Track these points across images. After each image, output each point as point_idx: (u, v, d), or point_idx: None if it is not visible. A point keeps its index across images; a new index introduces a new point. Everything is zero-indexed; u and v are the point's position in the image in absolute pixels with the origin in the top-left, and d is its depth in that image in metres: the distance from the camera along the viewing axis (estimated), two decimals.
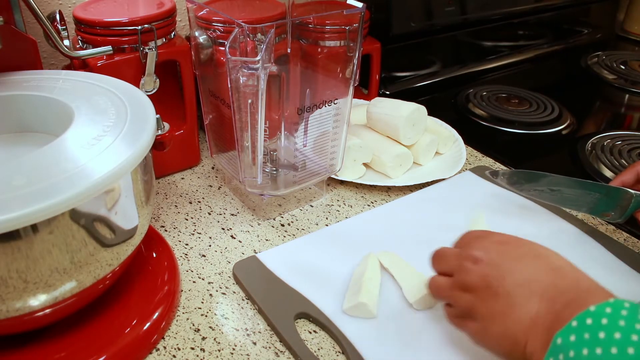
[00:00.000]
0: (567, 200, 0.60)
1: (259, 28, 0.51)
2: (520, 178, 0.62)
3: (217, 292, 0.54)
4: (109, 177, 0.38)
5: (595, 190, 0.58)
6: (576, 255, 0.58)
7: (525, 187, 0.62)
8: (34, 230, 0.36)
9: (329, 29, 0.65)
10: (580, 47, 1.24)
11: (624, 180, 0.59)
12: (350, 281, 0.53)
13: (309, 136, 0.62)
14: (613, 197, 0.57)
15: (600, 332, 0.31)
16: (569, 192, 0.59)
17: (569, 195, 0.59)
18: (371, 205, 0.67)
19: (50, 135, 0.50)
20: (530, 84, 1.04)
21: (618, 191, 0.57)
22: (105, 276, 0.43)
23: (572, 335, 0.32)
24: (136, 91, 0.51)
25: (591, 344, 0.31)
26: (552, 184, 0.60)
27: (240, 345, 0.48)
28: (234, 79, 0.52)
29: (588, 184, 0.59)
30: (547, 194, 0.61)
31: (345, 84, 0.60)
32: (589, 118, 0.95)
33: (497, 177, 0.63)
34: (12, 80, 0.53)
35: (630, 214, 0.57)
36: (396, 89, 0.97)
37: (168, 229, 0.62)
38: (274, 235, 0.61)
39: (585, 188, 0.59)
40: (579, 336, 0.31)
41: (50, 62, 0.74)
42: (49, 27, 0.56)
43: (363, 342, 0.47)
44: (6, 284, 0.37)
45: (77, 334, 0.46)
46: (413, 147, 0.73)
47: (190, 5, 0.59)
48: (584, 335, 0.31)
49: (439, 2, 0.96)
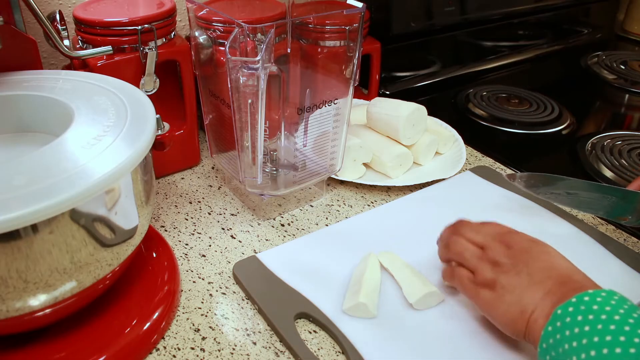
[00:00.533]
0: (584, 204, 0.60)
1: (259, 28, 0.52)
2: (537, 181, 0.62)
3: (217, 292, 0.54)
4: (109, 177, 0.38)
5: (613, 194, 0.58)
6: (576, 254, 0.58)
7: (542, 190, 0.61)
8: (34, 230, 0.36)
9: (329, 29, 0.65)
10: (580, 47, 1.24)
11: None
12: (350, 281, 0.53)
13: (309, 136, 0.62)
14: (630, 201, 0.57)
15: (594, 306, 0.38)
16: (586, 195, 0.59)
17: (585, 199, 0.59)
18: (371, 205, 0.67)
19: (50, 135, 0.50)
20: (530, 84, 1.04)
21: (636, 195, 0.57)
22: (105, 276, 0.43)
23: (570, 307, 0.39)
24: (136, 91, 0.51)
25: (585, 313, 0.37)
26: (568, 187, 0.60)
27: (240, 345, 0.48)
28: (234, 79, 0.52)
29: (605, 188, 0.58)
30: (564, 197, 0.60)
31: (345, 84, 0.60)
32: (589, 118, 0.95)
33: (514, 180, 0.62)
34: (12, 80, 0.53)
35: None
36: (396, 89, 0.97)
37: (168, 229, 0.62)
38: (274, 235, 0.61)
39: (602, 191, 0.58)
40: (576, 308, 0.38)
41: (50, 62, 0.74)
42: (49, 27, 0.56)
43: (363, 342, 0.47)
44: (6, 284, 0.37)
45: (77, 334, 0.46)
46: (413, 147, 0.73)
47: (190, 5, 0.59)
48: (580, 307, 0.38)
49: (439, 2, 0.96)
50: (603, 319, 0.36)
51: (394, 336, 0.48)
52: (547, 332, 0.39)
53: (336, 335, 0.48)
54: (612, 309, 0.37)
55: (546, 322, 0.40)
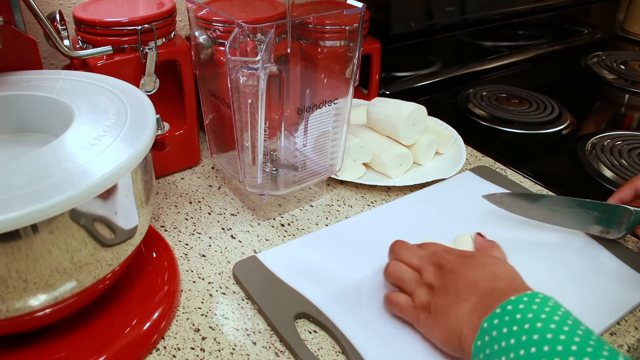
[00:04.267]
0: (566, 220, 0.60)
1: (259, 28, 0.51)
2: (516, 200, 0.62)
3: (217, 292, 0.54)
4: (109, 177, 0.38)
5: (594, 209, 0.58)
6: (578, 256, 0.58)
7: (523, 209, 0.61)
8: (34, 230, 0.36)
9: (329, 29, 0.65)
10: (580, 47, 1.24)
11: (622, 197, 0.59)
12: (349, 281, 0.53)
13: (309, 136, 0.62)
14: (612, 215, 0.58)
15: (517, 314, 0.38)
16: (568, 211, 0.59)
17: (567, 215, 0.60)
18: (371, 205, 0.67)
19: (50, 135, 0.50)
20: (530, 84, 1.04)
21: (617, 209, 0.57)
22: (105, 276, 0.43)
23: (495, 319, 0.39)
24: (136, 91, 0.51)
25: (509, 324, 0.38)
26: (550, 204, 0.60)
27: (240, 345, 0.48)
28: (234, 79, 0.52)
29: (586, 203, 0.59)
30: (546, 214, 0.61)
31: (345, 84, 0.60)
32: (589, 118, 0.95)
33: (494, 201, 0.62)
34: (12, 80, 0.53)
35: (630, 230, 0.57)
36: (396, 89, 0.97)
37: (168, 229, 0.62)
38: (274, 235, 0.61)
39: (583, 207, 0.59)
40: (500, 319, 0.39)
41: (50, 62, 0.74)
42: (49, 27, 0.56)
43: (363, 342, 0.47)
44: (6, 284, 0.37)
45: (77, 334, 0.46)
46: (413, 147, 0.73)
47: (190, 5, 0.59)
48: (504, 318, 0.38)
49: (439, 2, 0.96)
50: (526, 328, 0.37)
51: (394, 336, 0.48)
52: (477, 346, 0.39)
53: (336, 335, 0.48)
54: (534, 316, 0.37)
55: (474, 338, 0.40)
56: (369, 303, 0.51)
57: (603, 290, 0.54)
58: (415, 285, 0.48)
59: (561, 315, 0.37)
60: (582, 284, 0.55)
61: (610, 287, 0.54)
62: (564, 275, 0.55)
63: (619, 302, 0.52)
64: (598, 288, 0.54)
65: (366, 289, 0.53)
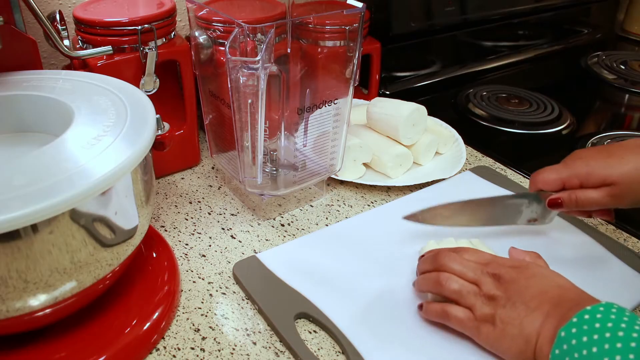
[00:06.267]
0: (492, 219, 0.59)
1: (259, 28, 0.51)
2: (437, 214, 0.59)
3: (217, 292, 0.54)
4: (109, 177, 0.38)
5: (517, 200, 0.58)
6: (577, 255, 0.58)
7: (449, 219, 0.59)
8: (34, 230, 0.36)
9: (329, 29, 0.65)
10: (580, 47, 1.24)
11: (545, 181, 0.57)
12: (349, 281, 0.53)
13: (309, 136, 0.62)
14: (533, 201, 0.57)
15: (596, 323, 0.38)
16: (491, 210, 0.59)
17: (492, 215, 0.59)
18: (371, 205, 0.67)
19: (50, 135, 0.50)
20: (530, 84, 1.04)
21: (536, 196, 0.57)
22: (105, 276, 0.43)
23: (573, 328, 0.39)
24: (136, 91, 0.51)
25: (589, 333, 0.38)
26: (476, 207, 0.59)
27: (240, 345, 0.48)
28: (234, 79, 0.52)
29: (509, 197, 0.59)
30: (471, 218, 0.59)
31: (345, 84, 0.60)
32: (589, 118, 0.95)
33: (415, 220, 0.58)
34: (12, 80, 0.53)
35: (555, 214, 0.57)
36: (396, 89, 0.97)
37: (168, 229, 0.62)
38: (274, 235, 0.61)
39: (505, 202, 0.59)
40: (579, 328, 0.39)
41: (50, 62, 0.74)
42: (49, 27, 0.56)
43: (363, 342, 0.47)
44: (6, 284, 0.37)
45: (77, 334, 0.46)
46: (413, 147, 0.73)
47: (190, 5, 0.59)
48: (582, 326, 0.38)
49: (439, 2, 0.96)
50: (607, 337, 0.37)
51: (394, 336, 0.48)
52: (555, 355, 0.39)
53: (336, 335, 0.48)
54: (614, 325, 0.37)
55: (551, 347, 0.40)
56: (369, 303, 0.51)
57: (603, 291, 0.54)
58: (475, 298, 0.46)
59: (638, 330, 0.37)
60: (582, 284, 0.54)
61: (610, 287, 0.54)
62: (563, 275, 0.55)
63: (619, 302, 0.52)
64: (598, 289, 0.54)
65: (366, 288, 0.53)
